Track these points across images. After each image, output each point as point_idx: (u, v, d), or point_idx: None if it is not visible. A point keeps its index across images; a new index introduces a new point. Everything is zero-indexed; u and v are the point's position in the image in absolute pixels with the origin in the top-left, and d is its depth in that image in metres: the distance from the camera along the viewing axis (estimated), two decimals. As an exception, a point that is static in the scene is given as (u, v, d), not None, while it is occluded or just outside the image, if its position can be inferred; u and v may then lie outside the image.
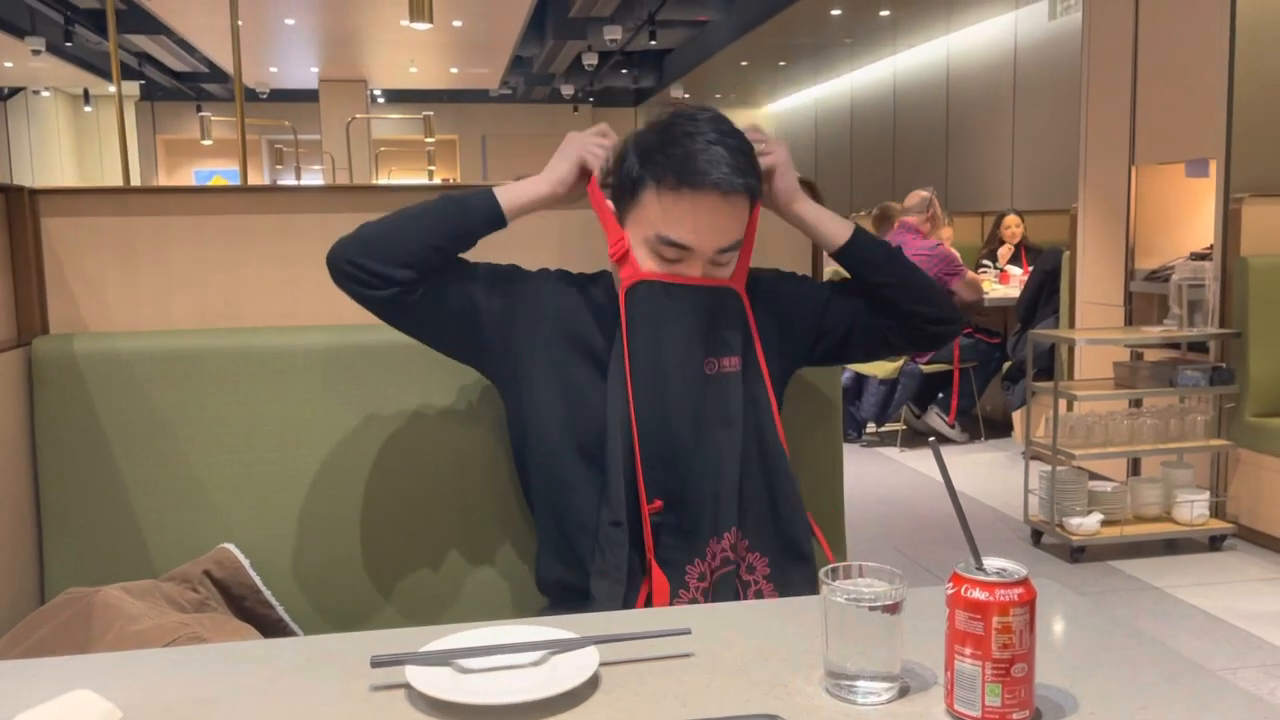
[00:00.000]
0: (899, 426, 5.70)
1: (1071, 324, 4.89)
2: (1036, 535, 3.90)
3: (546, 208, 1.42)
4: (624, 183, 1.35)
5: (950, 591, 0.86)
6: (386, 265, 1.32)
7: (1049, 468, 3.74)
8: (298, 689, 0.96)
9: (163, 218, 1.63)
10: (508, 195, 1.39)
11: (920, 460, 5.22)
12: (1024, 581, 0.85)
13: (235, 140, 4.66)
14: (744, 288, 1.40)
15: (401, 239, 1.34)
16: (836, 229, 1.46)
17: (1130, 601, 3.33)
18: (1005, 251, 6.39)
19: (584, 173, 1.41)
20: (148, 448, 1.54)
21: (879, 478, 4.96)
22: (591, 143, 1.41)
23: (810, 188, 1.75)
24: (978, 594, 0.84)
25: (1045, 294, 5.18)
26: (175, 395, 1.55)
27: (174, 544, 1.54)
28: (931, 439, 0.91)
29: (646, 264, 1.34)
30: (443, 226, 1.36)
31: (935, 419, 5.55)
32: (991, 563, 0.87)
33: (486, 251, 1.46)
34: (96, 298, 1.63)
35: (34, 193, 1.60)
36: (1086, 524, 3.64)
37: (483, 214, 1.37)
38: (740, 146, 1.33)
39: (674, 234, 1.30)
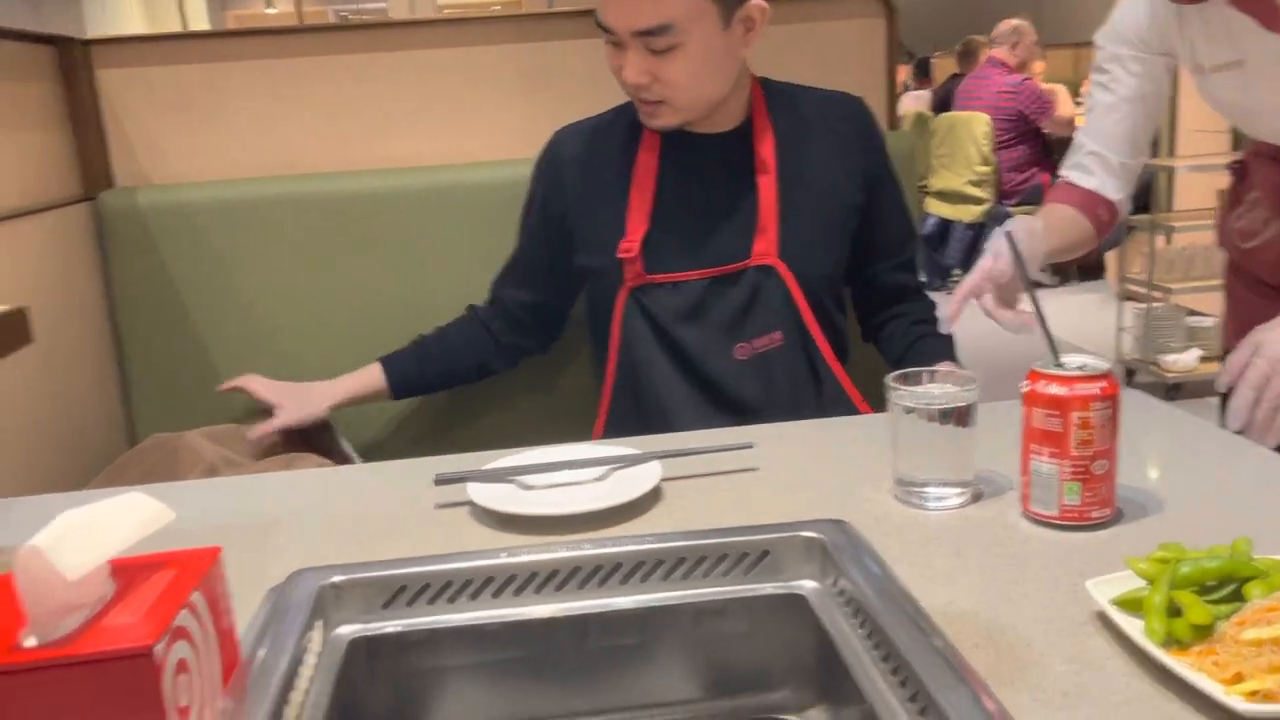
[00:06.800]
0: (986, 273, 5.52)
1: (1171, 154, 4.62)
2: (1129, 374, 3.78)
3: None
4: None
5: (1026, 389, 0.81)
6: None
7: (1144, 306, 3.60)
8: (360, 509, 0.96)
9: (218, 64, 1.60)
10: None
11: (1007, 306, 5.05)
12: (1106, 375, 0.79)
13: (305, 12, 4.57)
14: (776, 255, 1.30)
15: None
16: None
17: (1228, 438, 3.22)
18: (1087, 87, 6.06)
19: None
20: (218, 298, 1.56)
21: (962, 324, 4.82)
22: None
23: (885, 4, 1.64)
24: (1056, 389, 0.78)
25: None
26: (241, 245, 1.55)
27: (251, 390, 1.57)
28: (1007, 230, 0.85)
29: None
30: None
31: (1024, 263, 5.37)
32: (1071, 359, 0.82)
33: (526, 109, 1.38)
34: (155, 149, 1.62)
35: (87, 44, 1.58)
36: (1184, 360, 3.51)
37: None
38: None
39: (600, 14, 1.25)
